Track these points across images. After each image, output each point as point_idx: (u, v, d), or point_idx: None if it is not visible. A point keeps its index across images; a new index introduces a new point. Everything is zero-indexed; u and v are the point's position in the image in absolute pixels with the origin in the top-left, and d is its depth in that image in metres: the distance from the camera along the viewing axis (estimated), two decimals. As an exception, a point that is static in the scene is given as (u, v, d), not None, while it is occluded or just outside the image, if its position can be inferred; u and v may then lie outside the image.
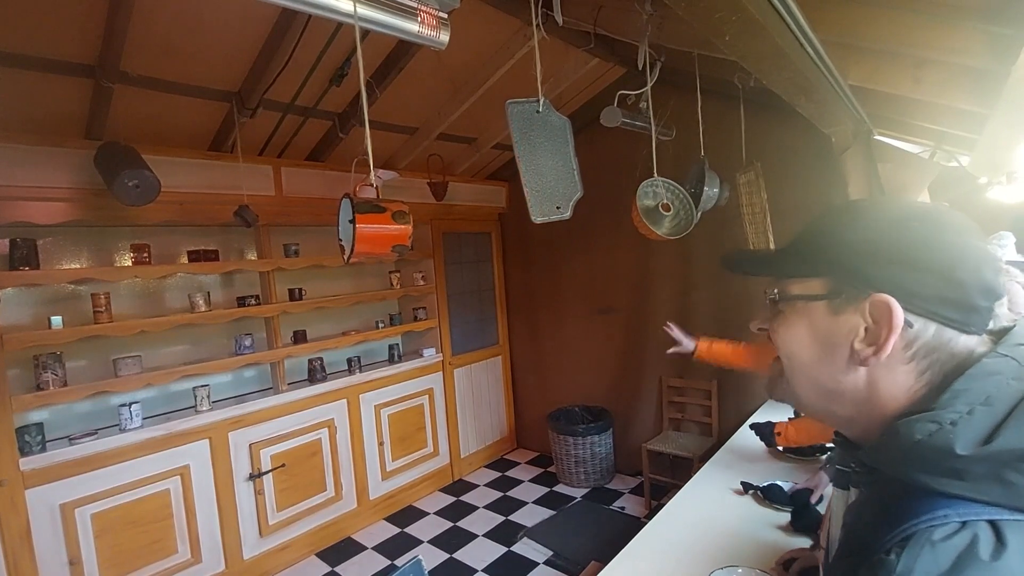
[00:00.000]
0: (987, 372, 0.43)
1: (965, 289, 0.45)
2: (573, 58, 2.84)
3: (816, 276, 0.52)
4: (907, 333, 0.46)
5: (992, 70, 1.24)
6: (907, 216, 0.49)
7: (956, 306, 0.46)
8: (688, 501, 1.81)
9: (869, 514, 0.48)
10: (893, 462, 0.46)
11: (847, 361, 0.49)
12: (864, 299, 0.48)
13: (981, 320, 0.46)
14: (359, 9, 0.97)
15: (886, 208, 0.53)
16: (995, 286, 0.46)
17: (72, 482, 2.28)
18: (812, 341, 0.52)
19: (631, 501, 3.50)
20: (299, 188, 3.08)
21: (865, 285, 0.48)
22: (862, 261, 0.48)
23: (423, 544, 3.16)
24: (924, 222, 0.48)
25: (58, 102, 2.18)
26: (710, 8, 1.00)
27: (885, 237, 0.48)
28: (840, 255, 0.50)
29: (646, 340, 3.68)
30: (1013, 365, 0.43)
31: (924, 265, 0.46)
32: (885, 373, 0.48)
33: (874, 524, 0.45)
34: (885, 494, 0.47)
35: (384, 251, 1.24)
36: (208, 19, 2.00)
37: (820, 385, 0.53)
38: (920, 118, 2.00)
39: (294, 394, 3.08)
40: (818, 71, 1.43)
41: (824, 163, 2.60)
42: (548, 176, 1.67)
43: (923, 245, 0.47)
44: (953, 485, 0.41)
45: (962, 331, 0.46)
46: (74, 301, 2.55)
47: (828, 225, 0.53)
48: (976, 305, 0.46)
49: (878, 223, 0.50)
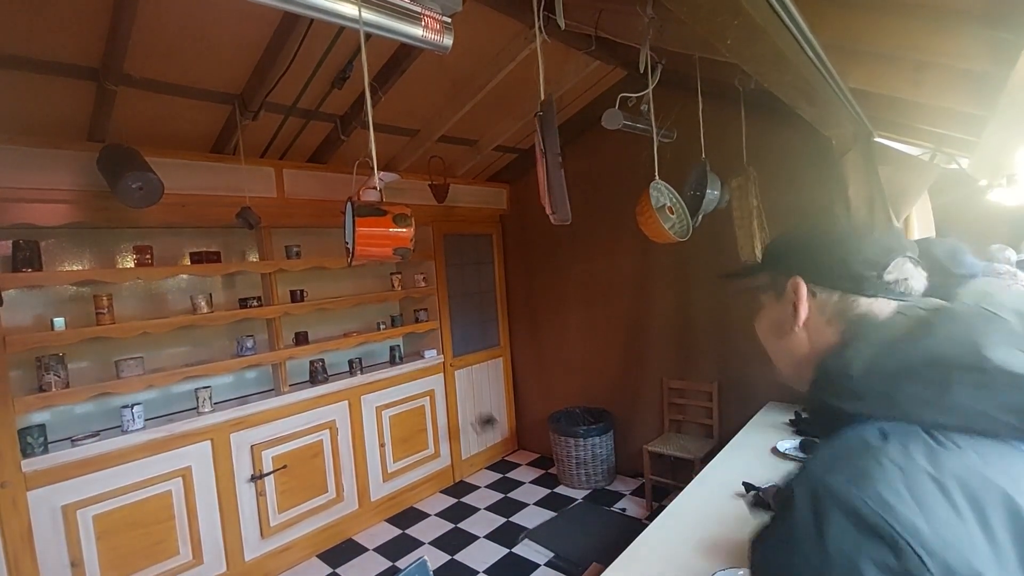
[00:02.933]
0: (885, 324, 0.59)
1: (848, 264, 0.63)
2: (574, 61, 2.85)
3: (763, 272, 0.72)
4: (816, 300, 0.64)
5: (991, 73, 1.25)
6: (814, 224, 0.71)
7: (844, 277, 0.63)
8: (689, 503, 1.81)
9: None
10: (819, 392, 0.60)
11: (789, 331, 0.67)
12: (787, 282, 0.66)
13: (871, 285, 0.62)
14: (364, 14, 0.97)
15: (801, 226, 0.72)
16: (876, 260, 0.62)
17: (74, 484, 2.28)
18: (771, 325, 0.71)
19: (632, 503, 3.50)
20: (301, 190, 3.09)
21: (787, 272, 0.67)
22: (783, 257, 0.70)
23: (424, 545, 3.16)
24: (823, 227, 0.70)
25: (61, 104, 2.19)
26: (712, 12, 1.00)
27: (797, 239, 0.70)
28: (773, 255, 0.72)
29: (647, 341, 3.68)
30: (904, 319, 0.58)
31: (820, 252, 0.66)
32: (816, 336, 0.65)
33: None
34: (823, 431, 0.59)
35: (386, 254, 1.24)
36: (211, 22, 2.01)
37: (782, 355, 0.70)
38: (920, 121, 2.01)
39: (295, 395, 3.09)
40: (819, 74, 1.44)
41: (824, 165, 2.60)
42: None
43: (819, 240, 0.68)
44: (857, 405, 0.54)
45: (859, 294, 0.62)
46: (76, 303, 2.56)
47: (773, 240, 0.75)
48: (861, 274, 0.62)
49: (797, 232, 0.71)
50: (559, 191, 1.52)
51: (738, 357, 3.18)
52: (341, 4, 0.98)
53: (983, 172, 2.03)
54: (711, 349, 3.35)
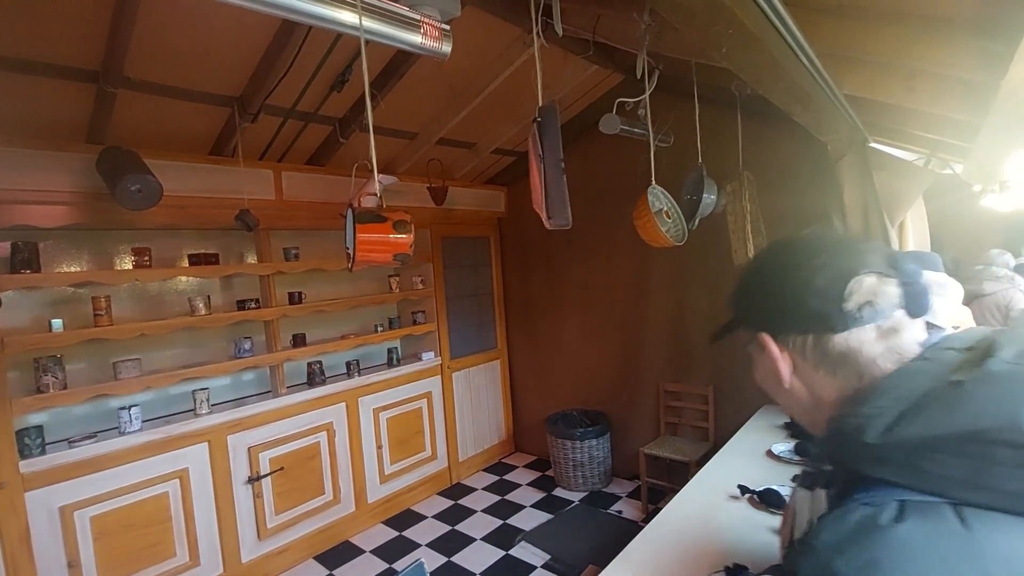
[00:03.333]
0: (908, 373, 0.51)
1: (804, 304, 0.57)
2: (572, 65, 2.86)
3: (738, 328, 0.66)
4: (791, 351, 0.59)
5: (983, 82, 1.27)
6: (752, 265, 0.65)
7: (807, 318, 0.57)
8: (685, 505, 1.82)
9: (829, 503, 0.57)
10: (831, 452, 0.56)
11: (783, 383, 0.61)
12: (757, 338, 0.61)
13: (838, 319, 0.55)
14: (364, 22, 0.98)
15: (749, 264, 0.67)
16: (829, 289, 0.55)
17: (71, 485, 2.29)
18: (765, 373, 0.64)
19: (628, 505, 3.51)
20: (299, 192, 3.10)
21: (753, 328, 0.62)
22: (744, 313, 0.65)
23: (421, 547, 3.17)
24: (758, 265, 0.64)
25: (61, 107, 2.20)
26: (707, 22, 1.02)
27: (745, 289, 0.65)
28: (738, 308, 0.66)
29: (644, 344, 3.70)
30: (932, 367, 0.50)
31: (772, 298, 0.60)
32: (811, 381, 0.59)
33: (828, 508, 0.54)
34: (838, 484, 0.56)
35: (386, 260, 1.25)
36: (211, 25, 2.01)
37: (790, 404, 0.64)
38: (915, 127, 2.03)
39: (293, 397, 3.09)
40: (813, 81, 1.45)
41: (820, 170, 2.62)
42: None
43: (769, 284, 0.61)
44: (876, 469, 0.48)
45: (831, 332, 0.56)
46: (75, 304, 2.56)
47: (739, 283, 0.68)
48: (821, 311, 0.56)
49: (743, 279, 0.66)
50: (560, 196, 1.53)
51: (734, 361, 3.19)
52: (341, 12, 0.99)
53: (976, 178, 2.06)
54: (707, 352, 3.37)
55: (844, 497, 0.50)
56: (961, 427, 0.45)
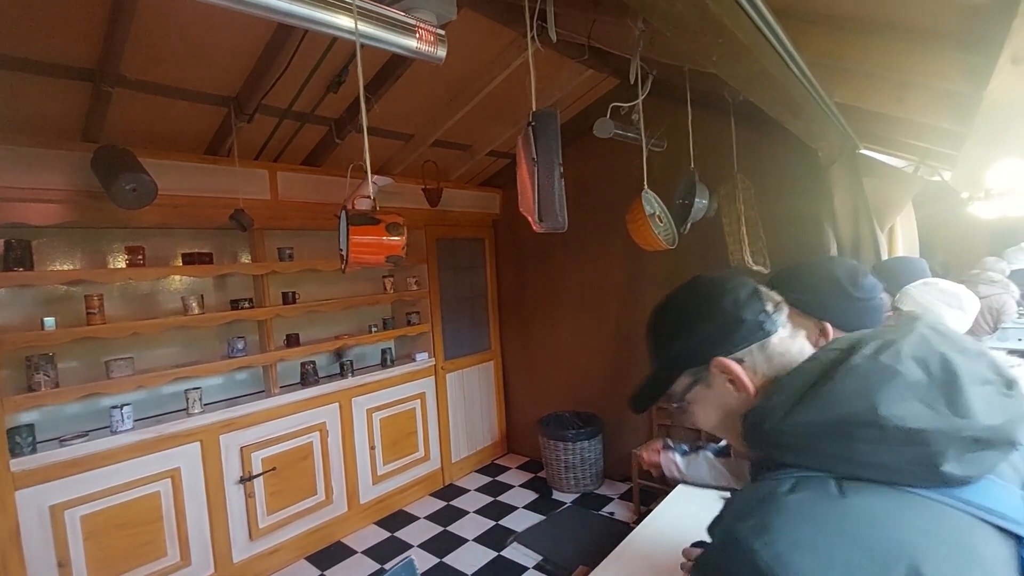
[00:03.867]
0: (799, 371, 0.59)
1: (741, 319, 0.64)
2: (567, 69, 2.88)
3: (680, 375, 0.70)
4: (746, 366, 0.64)
5: (967, 93, 1.30)
6: (672, 309, 0.72)
7: (750, 329, 0.64)
8: (675, 507, 1.84)
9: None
10: (746, 444, 0.62)
11: (739, 407, 0.65)
12: (710, 367, 0.66)
13: (772, 321, 0.65)
14: (360, 27, 1.00)
15: (661, 312, 0.74)
16: (753, 300, 0.66)
17: (62, 484, 2.28)
18: (713, 410, 0.69)
19: (620, 506, 3.53)
20: (294, 192, 3.10)
21: (703, 360, 0.66)
22: (685, 353, 0.68)
23: (413, 548, 3.17)
24: (682, 305, 0.71)
25: (56, 105, 2.20)
26: (697, 32, 1.04)
27: (678, 332, 0.69)
28: (674, 358, 0.70)
29: (637, 346, 3.72)
30: (819, 365, 0.58)
31: (710, 328, 0.66)
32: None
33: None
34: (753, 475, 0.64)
35: (379, 261, 1.27)
36: (208, 25, 2.02)
37: (734, 428, 0.67)
38: (904, 135, 2.06)
39: (286, 397, 3.09)
40: (804, 90, 1.48)
41: (812, 176, 2.65)
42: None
43: (695, 320, 0.68)
44: (780, 454, 0.57)
45: (768, 335, 0.64)
46: (67, 302, 2.55)
47: (653, 346, 0.74)
48: (755, 321, 0.64)
49: (665, 326, 0.72)
50: (554, 200, 1.55)
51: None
52: (338, 17, 1.01)
53: (963, 185, 2.09)
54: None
55: (756, 479, 0.59)
56: (833, 413, 0.53)
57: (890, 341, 0.56)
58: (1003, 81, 1.01)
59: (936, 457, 0.49)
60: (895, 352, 0.54)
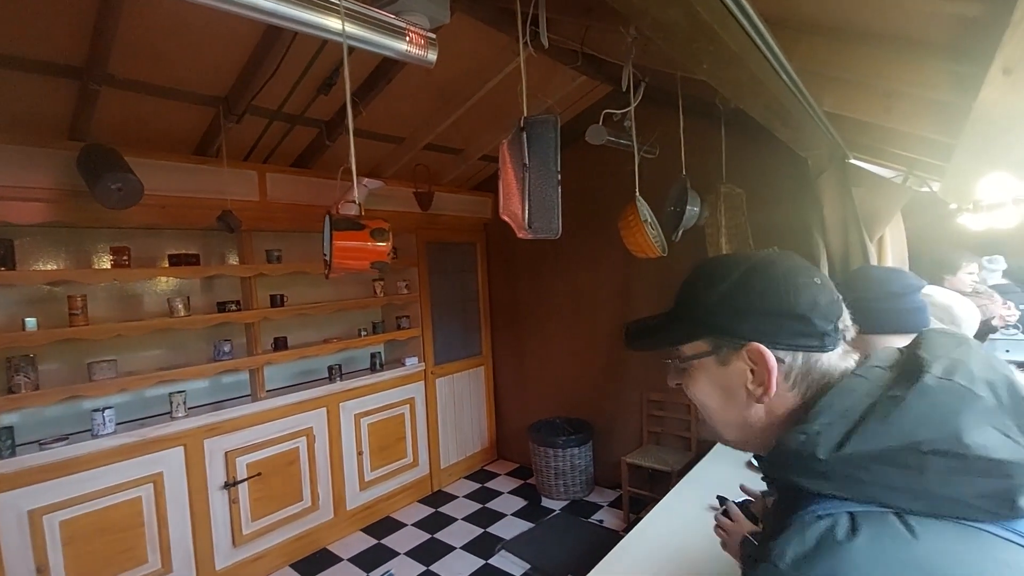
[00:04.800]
0: (847, 390, 0.52)
1: (809, 321, 0.55)
2: (560, 75, 2.89)
3: (698, 338, 0.61)
4: (782, 367, 0.56)
5: (956, 104, 1.30)
6: (748, 269, 0.59)
7: (809, 335, 0.56)
8: (665, 515, 1.83)
9: (771, 515, 0.59)
10: (778, 469, 0.54)
11: (746, 400, 0.59)
12: (741, 348, 0.57)
13: (832, 339, 0.57)
14: (348, 28, 0.98)
15: (731, 265, 0.60)
16: (833, 309, 0.57)
17: (41, 488, 2.23)
18: (714, 389, 0.62)
19: (610, 514, 3.51)
20: (284, 194, 3.07)
21: (737, 337, 0.58)
22: (726, 318, 0.58)
23: (399, 556, 3.13)
24: (760, 272, 0.58)
25: (42, 102, 2.17)
26: (688, 40, 1.03)
27: (737, 293, 0.58)
28: (709, 316, 0.59)
29: (628, 353, 3.71)
30: (866, 383, 0.52)
31: (774, 310, 0.56)
32: (778, 402, 0.58)
33: (772, 524, 0.55)
34: (781, 500, 0.57)
35: (363, 267, 1.25)
36: (197, 24, 2.00)
37: (730, 422, 0.62)
38: (893, 145, 2.07)
39: (272, 402, 3.05)
40: (793, 98, 1.48)
41: (802, 184, 2.66)
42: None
43: (766, 293, 0.57)
44: (822, 485, 0.50)
45: (821, 352, 0.56)
46: (50, 303, 2.51)
47: (695, 290, 0.62)
48: (823, 330, 0.56)
49: (727, 281, 0.59)
50: (553, 208, 1.55)
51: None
52: (325, 18, 0.99)
53: (952, 196, 2.10)
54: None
55: (791, 512, 0.51)
56: (900, 439, 0.47)
57: (957, 360, 0.50)
58: (993, 92, 1.01)
59: (1016, 491, 0.45)
60: (968, 373, 0.49)
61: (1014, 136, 1.22)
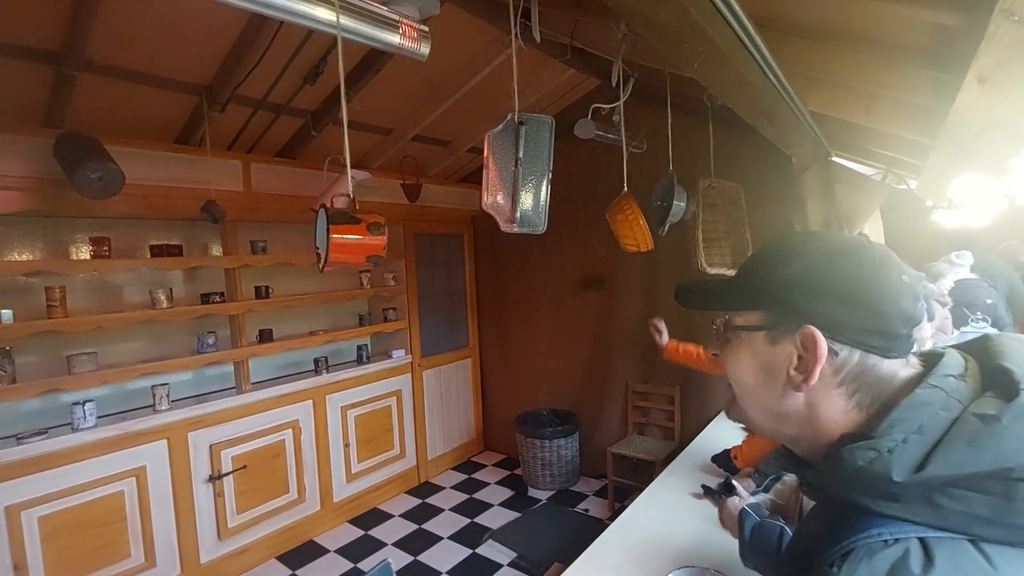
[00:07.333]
0: (920, 402, 0.46)
1: (887, 319, 0.50)
2: (550, 68, 2.88)
3: (756, 309, 0.56)
4: (834, 360, 0.51)
5: (934, 108, 1.34)
6: (834, 251, 0.53)
7: (880, 335, 0.50)
8: (649, 504, 1.87)
9: (815, 526, 0.53)
10: (837, 484, 0.49)
11: (784, 385, 0.54)
12: (797, 330, 0.52)
13: (902, 346, 0.51)
14: (342, 20, 0.98)
15: (816, 244, 0.55)
16: (914, 314, 0.51)
17: (19, 483, 2.19)
18: (755, 368, 0.56)
19: (595, 503, 3.57)
20: (269, 184, 3.03)
21: (798, 317, 0.52)
22: (794, 295, 0.53)
23: (387, 547, 3.15)
24: (848, 257, 0.52)
25: (16, 88, 2.10)
26: (679, 40, 1.05)
27: (815, 272, 0.52)
28: (776, 290, 0.54)
29: (613, 345, 3.76)
30: (942, 395, 0.46)
31: (850, 298, 0.50)
32: (821, 397, 0.52)
33: (818, 536, 0.49)
34: (830, 510, 0.52)
35: (358, 261, 1.25)
36: (180, 10, 1.95)
37: (766, 407, 0.57)
38: (873, 144, 2.13)
39: (258, 394, 3.03)
40: (780, 98, 1.51)
41: (786, 181, 2.72)
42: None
43: (848, 279, 0.51)
44: (890, 507, 0.45)
45: (884, 357, 0.50)
46: (26, 294, 2.45)
47: (766, 261, 0.57)
48: (898, 333, 0.50)
49: (809, 259, 0.53)
50: (536, 203, 1.56)
51: (699, 363, 3.28)
52: (320, 10, 0.99)
53: (928, 194, 2.17)
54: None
55: (848, 531, 0.46)
56: (991, 465, 0.42)
57: None
58: (968, 98, 1.05)
59: None
60: None
61: (986, 140, 1.26)
